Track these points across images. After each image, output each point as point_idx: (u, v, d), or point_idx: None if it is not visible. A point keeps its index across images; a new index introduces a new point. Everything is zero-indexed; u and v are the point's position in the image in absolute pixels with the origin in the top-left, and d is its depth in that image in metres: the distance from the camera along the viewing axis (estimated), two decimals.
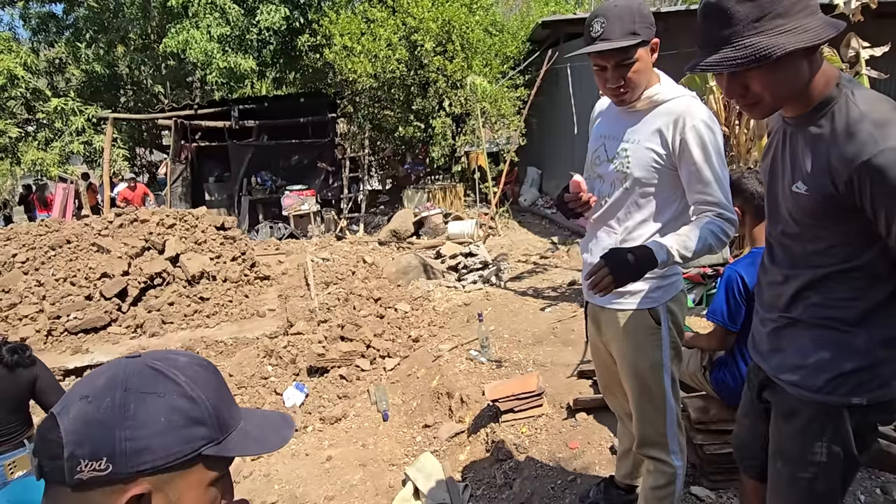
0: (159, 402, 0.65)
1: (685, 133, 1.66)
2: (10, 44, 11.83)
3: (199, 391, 0.68)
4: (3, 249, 5.90)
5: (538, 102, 9.92)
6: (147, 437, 0.63)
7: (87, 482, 0.62)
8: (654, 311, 1.82)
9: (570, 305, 5.17)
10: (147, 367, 0.68)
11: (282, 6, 11.46)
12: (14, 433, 2.35)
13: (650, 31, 1.65)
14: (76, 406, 0.64)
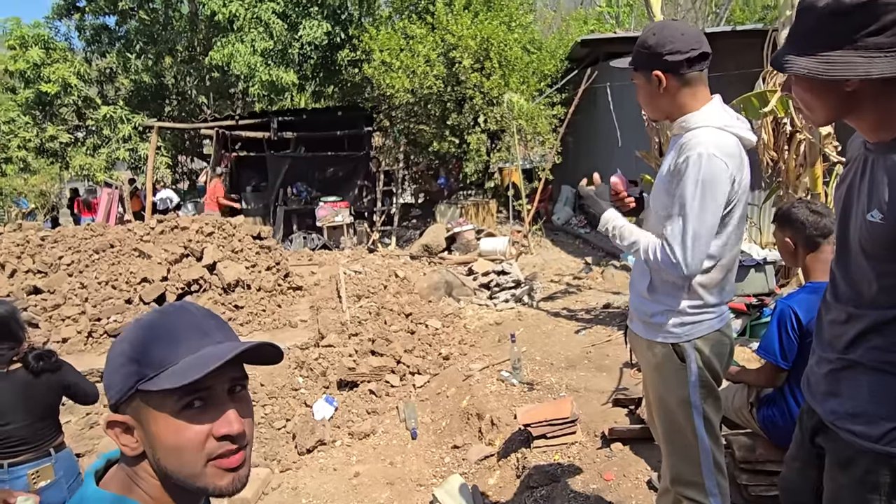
0: (115, 349, 0.84)
1: (678, 161, 1.68)
2: (66, 53, 12.38)
3: (138, 335, 0.83)
4: (51, 251, 6.11)
5: (575, 121, 9.85)
6: (108, 377, 0.84)
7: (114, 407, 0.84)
8: (678, 347, 1.77)
9: (604, 329, 5.06)
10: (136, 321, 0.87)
11: (324, 22, 11.71)
12: (41, 441, 2.33)
13: (644, 59, 1.73)
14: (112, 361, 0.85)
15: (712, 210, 1.62)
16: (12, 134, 11.60)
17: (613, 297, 6.20)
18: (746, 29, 7.96)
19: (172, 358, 0.80)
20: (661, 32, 1.68)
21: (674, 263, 1.64)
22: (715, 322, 1.78)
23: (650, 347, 1.83)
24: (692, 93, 1.72)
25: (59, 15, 12.99)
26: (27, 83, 11.68)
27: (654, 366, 1.83)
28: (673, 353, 1.77)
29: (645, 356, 1.87)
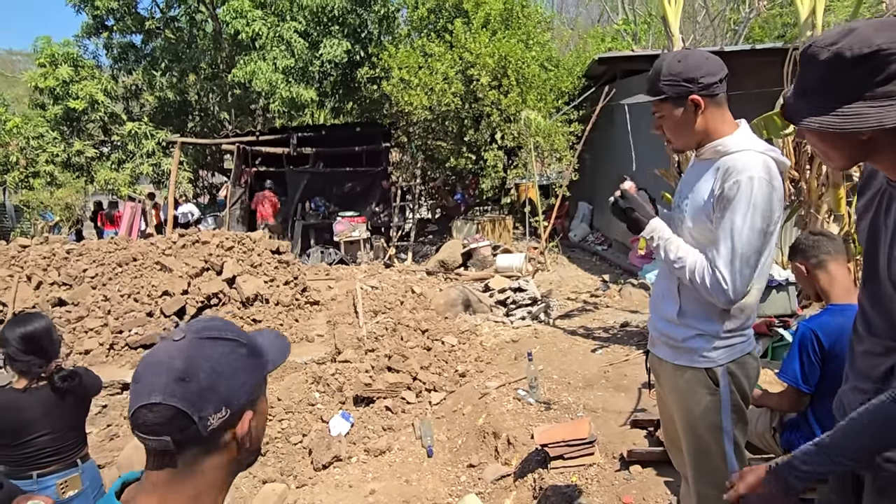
0: (229, 360, 0.88)
1: (725, 185, 1.64)
2: (94, 71, 12.75)
3: (244, 335, 0.93)
4: (76, 264, 6.24)
5: (592, 138, 9.86)
6: (236, 382, 0.87)
7: (218, 427, 0.85)
8: (711, 371, 1.75)
9: (622, 348, 5.02)
10: (204, 340, 0.88)
11: (344, 40, 11.93)
12: (69, 452, 2.37)
13: (677, 88, 1.70)
14: (179, 387, 0.83)
15: (760, 235, 1.61)
16: (41, 149, 11.93)
17: (631, 315, 6.15)
18: (766, 48, 7.94)
19: (262, 345, 0.96)
20: (687, 60, 1.70)
21: (723, 289, 1.61)
22: (745, 345, 1.77)
23: (679, 372, 1.80)
24: (723, 115, 1.72)
25: (87, 34, 13.41)
26: (56, 100, 12.04)
27: (683, 391, 1.79)
28: (706, 379, 1.74)
29: (671, 381, 1.84)
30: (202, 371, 0.84)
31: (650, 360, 2.00)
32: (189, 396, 0.82)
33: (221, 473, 0.90)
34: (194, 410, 0.82)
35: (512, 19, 11.44)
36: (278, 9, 11.82)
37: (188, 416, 0.82)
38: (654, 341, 1.93)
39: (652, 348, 1.96)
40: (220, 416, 0.85)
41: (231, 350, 0.89)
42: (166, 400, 0.82)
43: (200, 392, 0.83)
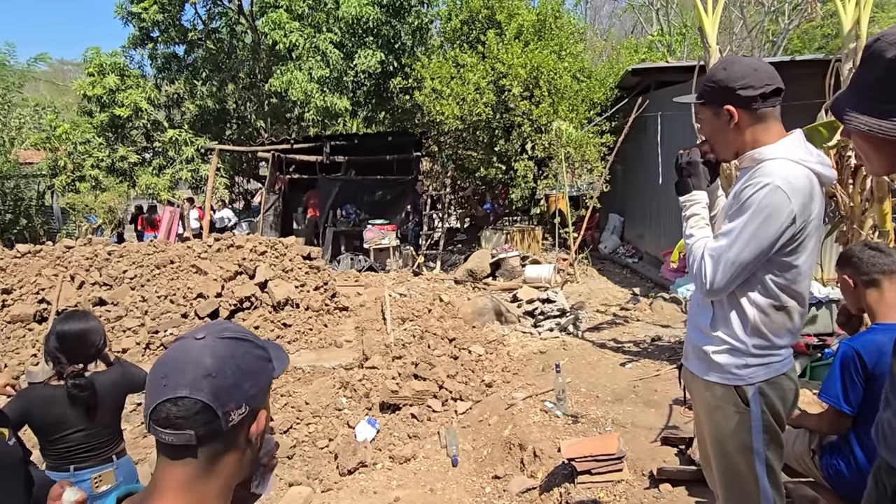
0: (250, 358, 0.92)
1: (744, 186, 1.65)
2: (138, 80, 13.23)
3: (258, 339, 0.97)
4: (116, 265, 6.45)
5: (624, 149, 9.78)
6: (257, 382, 0.92)
7: (238, 424, 0.88)
8: (741, 389, 1.70)
9: (653, 363, 4.93)
10: (225, 339, 0.91)
11: (378, 51, 12.12)
12: (104, 447, 2.41)
13: (714, 94, 1.71)
14: (206, 382, 0.85)
15: (759, 242, 1.59)
16: (87, 154, 12.41)
17: (662, 330, 6.04)
18: (806, 59, 7.75)
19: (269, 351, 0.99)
20: (732, 67, 1.67)
21: (702, 280, 1.66)
22: (780, 365, 1.71)
23: (708, 388, 1.76)
24: (765, 128, 1.68)
25: (134, 44, 13.94)
26: (103, 107, 12.52)
27: (713, 407, 1.75)
28: (735, 395, 1.70)
29: (702, 396, 1.80)
30: (229, 368, 0.87)
31: (683, 374, 1.96)
32: (216, 391, 0.85)
33: (232, 475, 0.91)
34: (219, 405, 0.84)
35: (545, 30, 11.45)
36: (315, 20, 12.09)
37: (213, 410, 0.84)
38: (688, 354, 1.89)
39: (685, 361, 1.93)
40: (240, 413, 0.87)
41: (251, 350, 0.92)
42: (193, 394, 0.83)
43: (227, 388, 0.86)
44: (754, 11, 16.38)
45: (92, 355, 2.39)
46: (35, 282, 6.06)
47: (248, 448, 0.92)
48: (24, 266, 6.26)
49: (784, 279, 1.66)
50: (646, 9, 20.71)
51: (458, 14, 12.28)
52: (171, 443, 0.85)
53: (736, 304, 1.70)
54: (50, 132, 12.70)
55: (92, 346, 2.37)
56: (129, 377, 2.52)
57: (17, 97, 14.57)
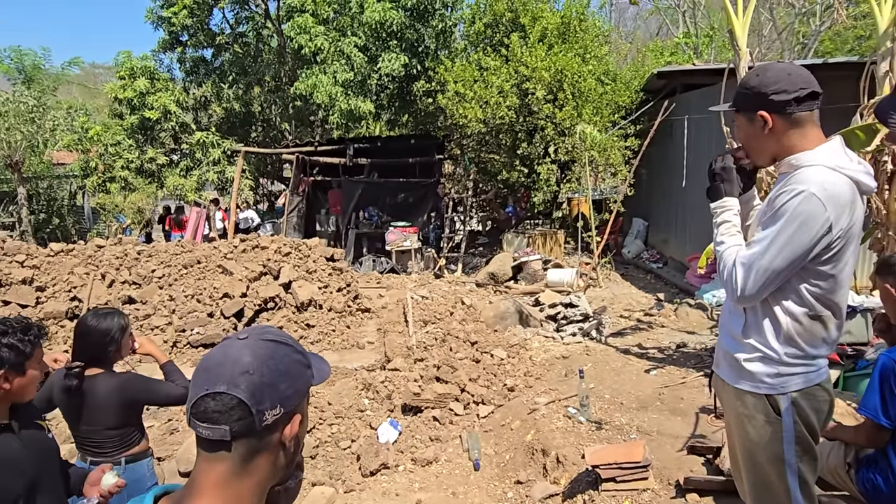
0: (288, 361, 0.92)
1: (778, 193, 1.63)
2: (168, 83, 13.51)
3: (299, 346, 0.98)
4: (145, 265, 6.59)
5: (649, 153, 9.66)
6: (293, 384, 0.92)
7: (272, 424, 0.89)
8: (772, 399, 1.67)
9: (678, 370, 4.85)
10: (266, 341, 0.93)
11: (402, 54, 12.19)
12: (107, 449, 2.38)
13: (747, 101, 1.70)
14: (243, 379, 0.87)
15: (793, 249, 1.56)
16: (117, 155, 12.71)
17: (688, 336, 5.95)
18: (839, 61, 7.57)
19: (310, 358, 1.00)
20: (765, 73, 1.66)
21: (733, 287, 1.65)
22: (815, 375, 1.68)
23: (739, 396, 1.73)
24: (801, 133, 1.65)
25: (163, 48, 14.25)
26: (133, 110, 12.81)
27: (743, 416, 1.73)
28: (766, 405, 1.67)
29: (732, 405, 1.77)
30: (266, 367, 0.88)
31: (714, 382, 1.93)
32: (252, 389, 0.86)
33: (265, 476, 0.91)
34: (254, 403, 0.86)
35: (569, 33, 11.38)
36: (340, 24, 12.21)
37: (248, 407, 0.85)
38: (719, 361, 1.87)
39: (716, 369, 1.89)
40: (274, 414, 0.88)
41: (290, 354, 0.93)
42: (230, 390, 0.85)
43: (262, 386, 0.87)
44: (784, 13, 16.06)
45: (92, 355, 2.34)
46: (67, 280, 6.22)
47: (281, 451, 0.92)
48: (57, 264, 6.43)
49: (820, 288, 1.62)
50: (672, 11, 20.47)
51: (481, 17, 12.28)
52: (207, 437, 0.87)
53: (769, 311, 1.67)
54: (82, 134, 13.03)
55: (94, 346, 2.33)
56: (131, 389, 2.39)
57: (51, 100, 14.98)
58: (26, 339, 1.71)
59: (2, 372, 1.64)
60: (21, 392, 1.71)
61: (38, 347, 1.75)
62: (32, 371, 1.73)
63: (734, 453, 1.94)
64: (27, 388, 1.73)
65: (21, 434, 1.70)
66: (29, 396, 1.77)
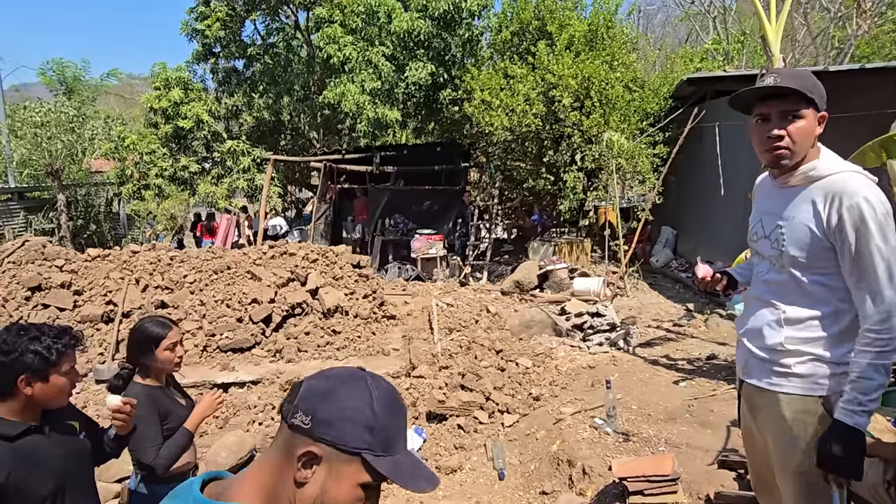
0: (353, 400, 0.87)
1: (842, 212, 1.58)
2: (201, 93, 13.88)
3: (380, 410, 0.88)
4: (177, 270, 6.75)
5: (678, 160, 9.52)
6: (335, 418, 0.85)
7: (295, 427, 0.86)
8: (826, 399, 1.64)
9: (708, 382, 4.75)
10: (360, 376, 0.91)
11: (429, 63, 12.29)
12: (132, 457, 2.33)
13: (822, 102, 1.67)
14: (314, 379, 0.90)
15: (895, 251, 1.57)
16: (152, 163, 13.08)
17: (719, 348, 5.82)
18: (877, 67, 7.37)
19: (396, 449, 0.90)
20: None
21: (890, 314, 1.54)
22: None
23: (787, 401, 1.69)
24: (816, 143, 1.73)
25: (197, 60, 14.67)
26: (167, 119, 13.20)
27: (789, 423, 1.69)
28: (819, 406, 1.65)
29: (774, 411, 1.73)
30: (332, 382, 0.89)
31: (745, 391, 1.88)
32: (310, 387, 0.89)
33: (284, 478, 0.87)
34: (300, 397, 0.88)
35: (596, 40, 11.33)
36: (368, 34, 12.38)
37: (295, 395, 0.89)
38: (752, 369, 1.82)
39: (747, 378, 1.85)
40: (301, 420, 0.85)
41: (361, 397, 0.88)
42: (307, 379, 0.91)
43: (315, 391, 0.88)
44: (818, 17, 15.70)
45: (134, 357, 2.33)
46: (103, 284, 6.41)
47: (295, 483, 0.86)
48: (94, 269, 6.63)
49: None
50: (701, 16, 20.20)
51: (508, 26, 12.31)
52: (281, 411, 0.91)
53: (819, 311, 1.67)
54: (118, 143, 13.46)
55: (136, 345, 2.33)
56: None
57: (90, 110, 15.53)
58: (54, 348, 1.69)
59: (24, 377, 1.65)
60: (45, 399, 1.70)
61: (65, 356, 1.73)
62: (58, 378, 1.71)
63: (759, 465, 1.90)
64: (51, 396, 1.71)
65: (51, 435, 1.74)
66: (57, 403, 1.75)
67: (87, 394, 5.17)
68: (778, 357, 1.72)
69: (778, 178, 1.77)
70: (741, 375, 1.90)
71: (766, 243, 1.79)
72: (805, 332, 1.68)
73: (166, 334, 2.35)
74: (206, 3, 13.97)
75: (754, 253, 1.91)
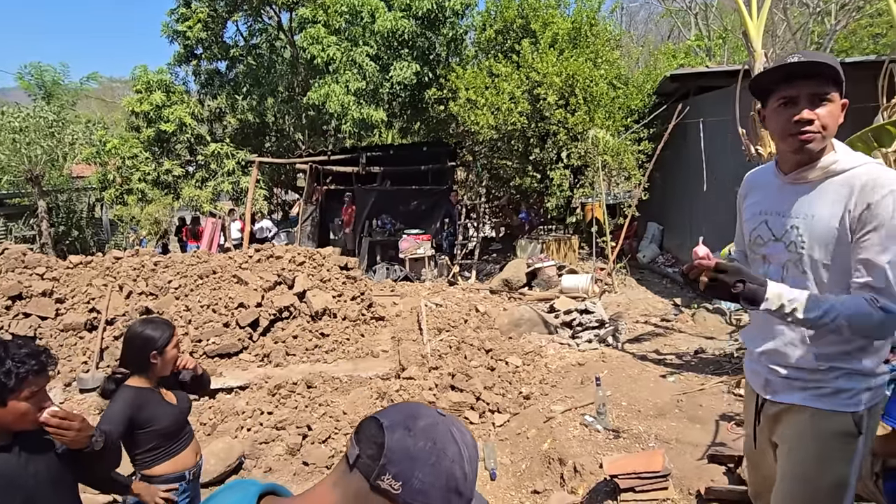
0: (447, 464, 0.82)
1: (871, 200, 1.45)
2: (183, 96, 13.71)
3: (469, 468, 0.85)
4: (162, 276, 6.66)
5: (664, 156, 9.58)
6: (429, 486, 0.81)
7: (381, 490, 0.81)
8: (857, 415, 1.54)
9: (696, 376, 4.78)
10: (450, 431, 0.85)
11: (413, 63, 12.25)
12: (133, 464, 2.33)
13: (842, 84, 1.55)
14: (400, 432, 0.83)
15: None
16: (135, 168, 12.91)
17: (706, 342, 5.86)
18: (856, 61, 7.46)
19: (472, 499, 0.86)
20: None
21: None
22: (884, 386, 1.59)
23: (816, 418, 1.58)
24: None
25: (179, 62, 14.47)
26: (149, 122, 13.02)
27: (811, 439, 1.59)
28: (849, 423, 1.54)
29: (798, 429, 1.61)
30: (423, 443, 0.82)
31: (767, 410, 1.73)
32: (398, 445, 0.82)
33: None
34: (387, 457, 0.81)
35: (580, 38, 11.36)
36: (352, 34, 12.32)
37: (381, 453, 0.82)
38: (778, 387, 1.69)
39: (773, 396, 1.70)
40: (391, 485, 0.81)
41: (455, 459, 0.84)
42: (387, 427, 0.83)
43: (406, 452, 0.82)
44: (798, 13, 15.88)
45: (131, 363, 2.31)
46: (86, 291, 6.30)
47: None
48: (76, 276, 6.52)
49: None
50: (683, 13, 20.36)
51: (492, 24, 12.31)
52: (345, 452, 0.86)
53: None
54: (100, 147, 13.25)
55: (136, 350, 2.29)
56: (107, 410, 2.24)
57: (70, 114, 15.27)
58: (14, 373, 1.59)
59: None
60: (3, 423, 1.62)
61: (26, 381, 1.62)
62: (17, 404, 1.61)
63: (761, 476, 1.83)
64: (10, 421, 1.63)
65: (21, 454, 1.68)
66: (20, 427, 1.66)
67: (72, 403, 5.08)
68: (803, 373, 1.61)
69: (791, 172, 1.61)
70: (764, 395, 1.73)
71: (779, 246, 1.64)
72: (834, 346, 1.56)
73: (171, 334, 2.35)
74: (186, 5, 13.80)
75: (758, 258, 1.75)
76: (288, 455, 4.27)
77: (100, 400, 5.07)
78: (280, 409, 4.86)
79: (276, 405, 4.92)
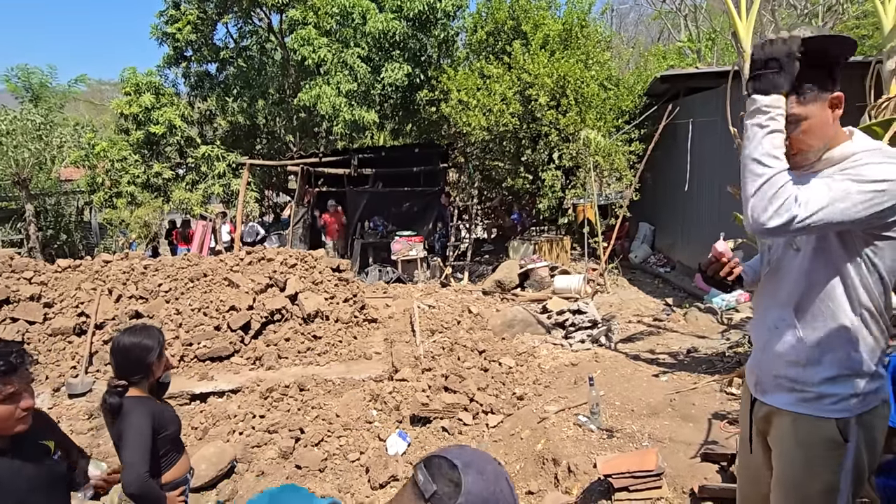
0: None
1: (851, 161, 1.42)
2: (173, 98, 13.61)
3: None
4: (152, 279, 6.60)
5: (654, 157, 9.62)
6: None
7: None
8: (842, 422, 1.50)
9: (689, 375, 4.79)
10: (506, 479, 0.93)
11: (405, 64, 12.24)
12: None
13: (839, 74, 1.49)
14: (474, 475, 0.89)
15: (864, 211, 1.37)
16: (124, 170, 12.80)
17: (698, 341, 5.88)
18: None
19: None
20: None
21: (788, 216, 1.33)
22: (882, 390, 1.54)
23: (800, 423, 1.55)
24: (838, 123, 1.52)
25: (168, 64, 14.37)
26: (139, 125, 12.92)
27: (796, 445, 1.56)
28: (833, 430, 1.51)
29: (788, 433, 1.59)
30: (493, 490, 0.90)
31: (757, 411, 1.71)
32: (473, 486, 0.88)
33: None
34: (465, 498, 0.87)
35: (571, 40, 11.41)
36: (343, 35, 12.29)
37: (458, 495, 0.88)
38: (767, 387, 1.66)
39: (762, 396, 1.68)
40: None
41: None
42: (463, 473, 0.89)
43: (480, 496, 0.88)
44: (786, 14, 16.04)
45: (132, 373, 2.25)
46: (75, 295, 6.24)
47: None
48: (65, 280, 6.45)
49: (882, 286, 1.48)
50: (673, 15, 20.49)
51: (483, 26, 12.33)
52: (417, 481, 0.91)
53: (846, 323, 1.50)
54: (89, 150, 13.13)
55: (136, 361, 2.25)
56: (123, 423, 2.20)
57: (58, 117, 15.12)
58: None
59: None
60: None
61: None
62: None
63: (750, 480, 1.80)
64: None
65: (15, 459, 1.66)
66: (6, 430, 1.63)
67: (61, 409, 5.02)
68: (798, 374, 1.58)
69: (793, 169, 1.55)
70: (754, 393, 1.72)
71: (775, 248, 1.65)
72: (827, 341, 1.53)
73: (163, 338, 2.35)
74: (176, 6, 13.71)
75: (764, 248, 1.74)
76: (280, 458, 4.24)
77: (88, 405, 5.02)
78: (272, 412, 4.83)
79: (268, 408, 4.89)
